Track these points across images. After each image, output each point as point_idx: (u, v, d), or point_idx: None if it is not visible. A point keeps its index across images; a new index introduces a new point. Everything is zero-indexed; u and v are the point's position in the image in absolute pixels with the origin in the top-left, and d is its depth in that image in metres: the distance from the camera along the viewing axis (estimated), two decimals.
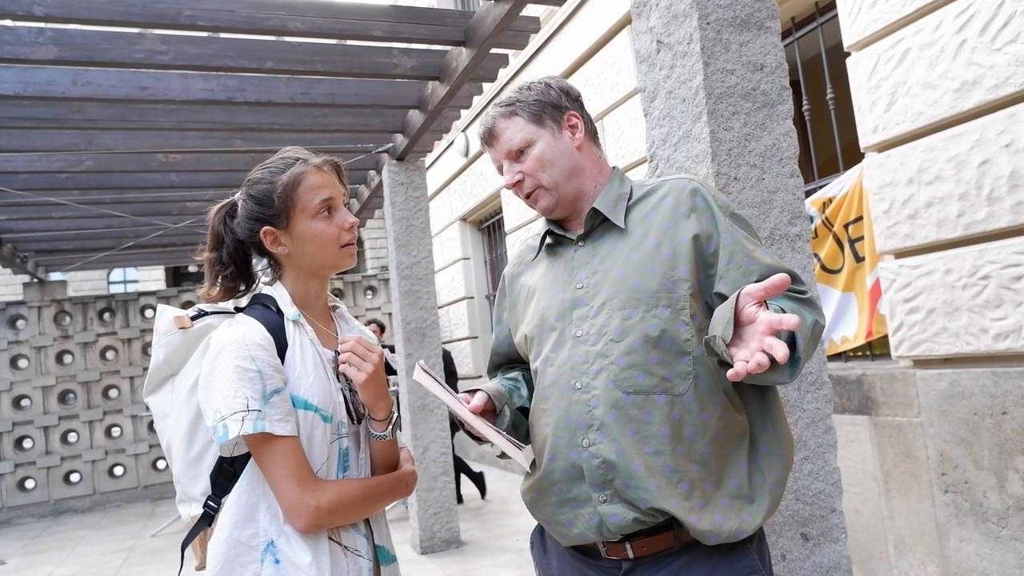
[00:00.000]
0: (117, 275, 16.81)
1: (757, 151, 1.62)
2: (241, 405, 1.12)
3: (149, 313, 8.33)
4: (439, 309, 8.63)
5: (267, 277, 1.34)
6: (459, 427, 1.28)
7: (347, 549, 1.22)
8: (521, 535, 4.78)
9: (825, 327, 1.16)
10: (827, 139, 3.56)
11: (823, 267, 3.31)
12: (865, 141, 3.05)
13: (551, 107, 1.31)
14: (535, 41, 5.67)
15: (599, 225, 1.29)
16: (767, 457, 1.21)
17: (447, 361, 5.64)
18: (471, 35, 3.43)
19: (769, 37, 1.66)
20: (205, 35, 3.30)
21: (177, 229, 6.28)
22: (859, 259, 3.19)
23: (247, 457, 1.19)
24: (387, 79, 3.94)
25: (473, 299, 8.12)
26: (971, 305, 2.65)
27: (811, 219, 3.30)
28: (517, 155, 1.30)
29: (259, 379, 1.14)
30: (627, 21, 4.48)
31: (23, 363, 7.90)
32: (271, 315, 1.24)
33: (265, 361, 1.16)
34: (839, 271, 3.28)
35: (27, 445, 7.80)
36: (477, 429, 1.18)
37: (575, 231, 1.32)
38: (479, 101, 6.80)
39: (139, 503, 8.01)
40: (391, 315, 8.47)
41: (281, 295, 1.28)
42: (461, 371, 8.00)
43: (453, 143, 7.93)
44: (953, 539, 2.74)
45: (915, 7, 2.75)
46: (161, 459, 8.15)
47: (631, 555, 1.17)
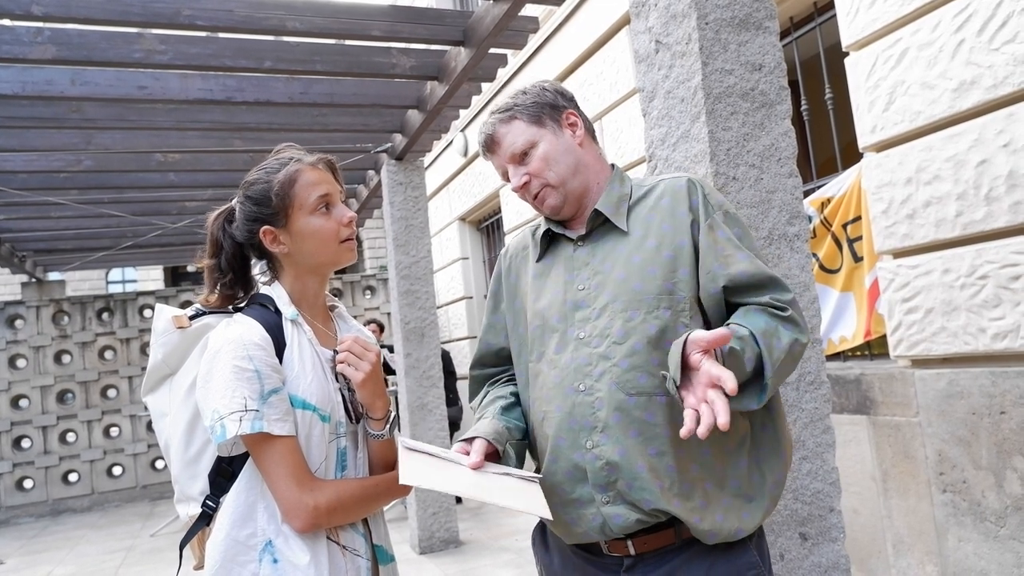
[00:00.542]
0: (116, 275, 16.80)
1: (755, 151, 1.62)
2: (239, 405, 1.12)
3: (147, 313, 8.32)
4: (438, 309, 8.61)
5: (265, 278, 1.34)
6: (459, 428, 1.27)
7: (345, 549, 1.22)
8: (520, 535, 4.78)
9: (807, 343, 1.17)
10: (825, 139, 3.56)
11: (821, 267, 3.31)
12: (863, 141, 3.05)
13: (549, 107, 1.32)
14: (534, 41, 5.66)
15: (599, 226, 1.29)
16: (767, 457, 1.21)
17: (446, 361, 5.63)
18: (470, 35, 3.43)
19: (767, 37, 1.66)
20: (204, 35, 3.30)
21: (176, 229, 6.28)
22: (857, 259, 3.19)
23: (245, 457, 1.19)
24: (386, 79, 3.94)
25: (472, 299, 8.11)
26: (969, 305, 2.65)
27: (809, 219, 3.30)
28: (521, 158, 1.30)
29: (257, 379, 1.14)
30: (626, 21, 4.48)
31: (21, 363, 7.89)
32: (269, 315, 1.24)
33: (263, 361, 1.16)
34: (837, 271, 3.28)
35: (25, 445, 7.80)
36: (485, 499, 1.04)
37: (575, 230, 1.32)
38: (478, 101, 6.80)
39: (138, 503, 8.01)
40: (390, 315, 8.46)
41: (279, 295, 1.28)
42: (460, 371, 7.99)
43: (452, 143, 7.93)
44: (951, 538, 2.74)
45: (913, 7, 2.75)
46: (159, 459, 8.15)
47: (632, 552, 1.18)
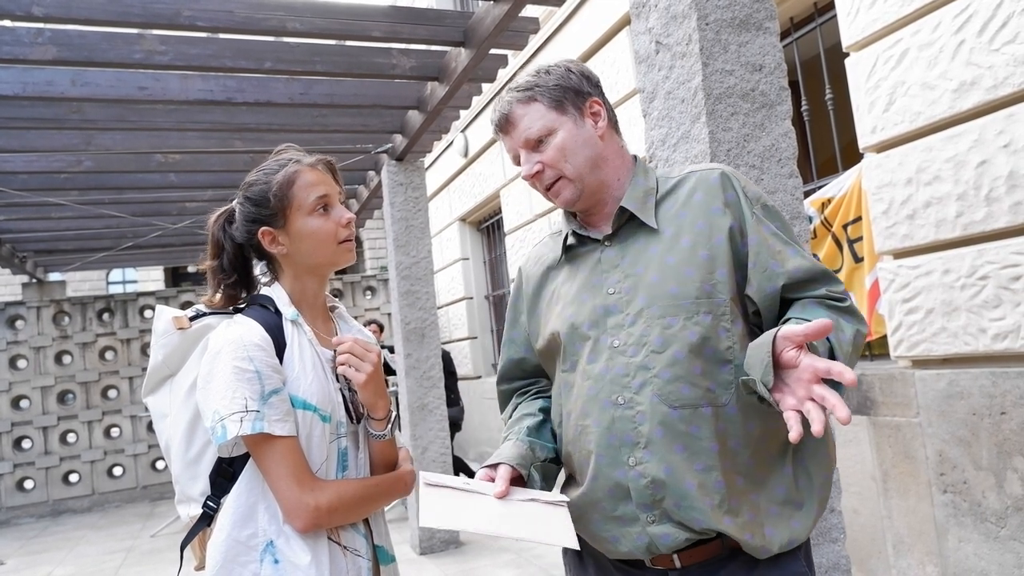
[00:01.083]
0: (116, 275, 16.81)
1: (756, 152, 1.62)
2: (240, 406, 1.12)
3: (148, 313, 8.33)
4: (438, 309, 8.62)
5: (265, 278, 1.34)
6: (459, 429, 1.26)
7: (346, 549, 1.22)
8: None
9: (866, 334, 1.11)
10: (826, 139, 3.56)
11: None
12: (864, 141, 3.05)
13: (572, 92, 1.22)
14: (534, 42, 5.67)
15: (626, 224, 1.21)
16: (812, 458, 1.15)
17: (446, 362, 5.63)
18: (470, 35, 3.43)
19: (768, 38, 1.66)
20: (204, 35, 3.30)
21: (176, 229, 6.28)
22: (858, 259, 3.19)
23: (246, 457, 1.19)
24: (386, 79, 3.94)
25: (472, 299, 8.11)
26: (970, 305, 2.65)
27: (810, 219, 3.30)
28: (536, 144, 1.21)
29: (257, 379, 1.14)
30: (626, 22, 4.48)
31: (22, 363, 7.89)
32: (269, 315, 1.24)
33: (263, 361, 1.16)
34: (838, 271, 3.28)
35: (26, 445, 7.80)
36: (511, 535, 1.02)
37: (600, 230, 1.24)
38: (478, 101, 6.80)
39: (138, 503, 8.01)
40: (390, 315, 8.47)
41: (279, 295, 1.28)
42: (461, 371, 7.99)
43: (452, 143, 7.93)
44: (952, 539, 2.74)
45: (914, 7, 2.75)
46: (160, 459, 8.15)
47: (678, 565, 1.12)
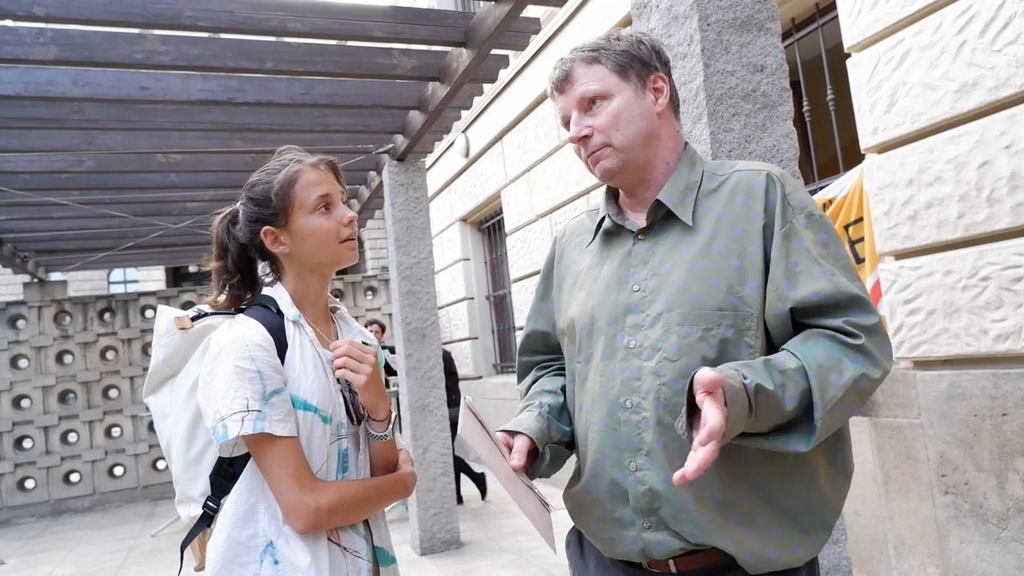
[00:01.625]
0: (117, 275, 16.83)
1: (757, 152, 1.62)
2: (241, 405, 1.12)
3: (149, 313, 8.33)
4: (439, 310, 8.62)
5: (268, 279, 1.34)
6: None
7: (346, 550, 1.22)
8: (521, 536, 4.77)
9: (880, 378, 1.02)
10: (827, 140, 3.56)
11: None
12: (865, 142, 3.05)
13: (639, 62, 1.16)
14: (536, 42, 5.67)
15: (662, 217, 1.16)
16: (827, 485, 1.10)
17: (447, 362, 5.63)
18: (471, 36, 3.43)
19: (769, 38, 1.66)
20: (205, 36, 3.30)
21: (177, 229, 6.28)
22: (859, 260, 3.19)
23: (246, 458, 1.19)
24: (387, 80, 3.94)
25: (473, 300, 8.12)
26: (971, 306, 2.65)
27: None
28: (589, 105, 1.15)
29: (259, 379, 1.14)
30: (628, 22, 4.49)
31: (23, 363, 7.90)
32: (271, 316, 1.24)
33: (265, 362, 1.16)
34: None
35: (27, 445, 7.81)
36: (514, 500, 1.07)
37: (635, 220, 1.19)
38: (479, 102, 6.80)
39: (139, 503, 8.01)
40: (391, 316, 8.46)
41: (281, 296, 1.28)
42: (461, 372, 8.00)
43: (453, 144, 7.94)
44: (953, 540, 2.73)
45: (915, 8, 2.75)
46: (161, 459, 8.15)
47: (674, 570, 1.11)
